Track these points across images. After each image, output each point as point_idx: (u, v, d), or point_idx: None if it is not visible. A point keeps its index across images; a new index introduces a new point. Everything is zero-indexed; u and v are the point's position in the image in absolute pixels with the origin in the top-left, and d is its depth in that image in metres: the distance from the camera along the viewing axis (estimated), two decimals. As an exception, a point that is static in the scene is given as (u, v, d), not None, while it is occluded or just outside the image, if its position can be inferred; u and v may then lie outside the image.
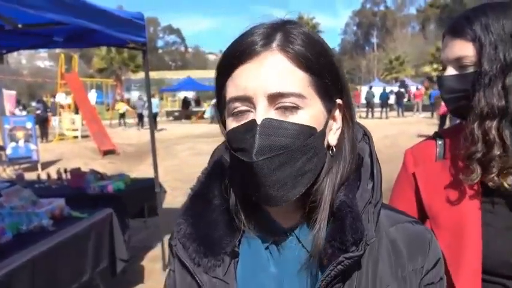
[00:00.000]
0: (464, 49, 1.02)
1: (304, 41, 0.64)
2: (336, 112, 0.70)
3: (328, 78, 0.66)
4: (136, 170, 9.52)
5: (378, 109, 23.87)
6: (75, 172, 4.83)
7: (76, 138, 16.46)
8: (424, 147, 1.19)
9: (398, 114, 24.30)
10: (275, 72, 0.62)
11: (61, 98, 18.85)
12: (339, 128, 0.71)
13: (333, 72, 0.67)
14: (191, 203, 0.78)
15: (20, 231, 2.91)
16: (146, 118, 21.79)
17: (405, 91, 30.43)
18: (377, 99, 24.34)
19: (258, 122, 0.61)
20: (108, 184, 4.39)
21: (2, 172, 9.92)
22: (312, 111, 0.65)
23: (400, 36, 60.59)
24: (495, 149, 0.96)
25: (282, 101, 0.62)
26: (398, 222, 0.74)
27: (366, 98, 24.17)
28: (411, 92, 28.25)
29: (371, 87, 26.14)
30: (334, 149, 0.70)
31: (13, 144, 10.07)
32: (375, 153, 0.73)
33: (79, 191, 4.34)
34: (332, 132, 0.70)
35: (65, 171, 5.07)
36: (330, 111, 0.68)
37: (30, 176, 6.47)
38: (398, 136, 12.45)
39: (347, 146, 0.70)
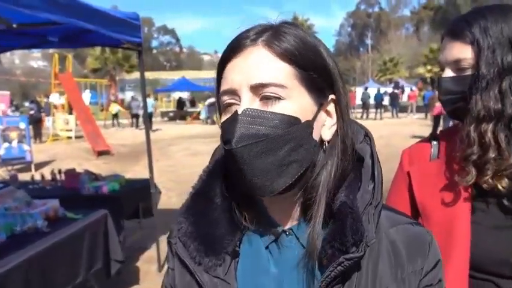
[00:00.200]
0: (463, 51, 1.03)
1: (293, 39, 0.66)
2: (331, 107, 0.71)
3: (315, 72, 0.67)
4: (130, 170, 9.47)
5: (373, 110, 23.97)
6: (69, 173, 4.80)
7: (70, 138, 16.37)
8: (420, 148, 1.22)
9: (393, 115, 24.41)
10: (258, 64, 0.65)
11: (55, 98, 18.74)
12: (334, 124, 0.71)
13: (322, 68, 0.68)
14: (192, 201, 0.77)
15: (14, 233, 2.88)
16: (141, 118, 21.76)
17: (402, 92, 30.59)
18: (371, 100, 24.44)
19: (239, 112, 0.64)
20: (103, 185, 4.36)
21: (-5, 173, 9.85)
22: (297, 102, 0.66)
23: (394, 38, 60.82)
24: (490, 151, 0.97)
25: (265, 92, 0.64)
26: (398, 224, 0.74)
27: (362, 99, 24.25)
28: (401, 94, 28.36)
29: (366, 88, 26.22)
30: (327, 144, 0.70)
31: (6, 145, 9.98)
32: (377, 154, 0.73)
33: (73, 192, 4.32)
34: (326, 128, 0.70)
35: (59, 172, 5.04)
36: (322, 105, 0.69)
37: (23, 176, 6.42)
38: (392, 137, 12.50)
39: (338, 143, 0.71)
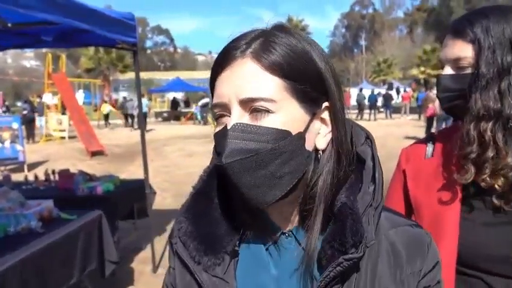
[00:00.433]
0: (463, 50, 1.04)
1: (282, 50, 0.65)
2: (325, 115, 0.70)
3: (307, 82, 0.66)
4: (125, 171, 9.44)
5: (367, 111, 24.07)
6: (63, 173, 4.77)
7: (63, 139, 16.27)
8: (417, 147, 1.25)
9: (386, 116, 24.53)
10: (245, 78, 0.64)
11: (48, 98, 18.61)
12: (329, 132, 0.70)
13: (314, 76, 0.67)
14: (193, 201, 0.78)
15: (7, 233, 2.86)
16: (136, 118, 21.69)
17: (397, 93, 30.71)
18: (365, 101, 24.53)
19: (228, 127, 0.64)
20: (97, 185, 4.34)
21: (-13, 173, 9.76)
22: (287, 115, 0.65)
23: (388, 39, 61.12)
24: (489, 150, 0.99)
25: (254, 106, 0.64)
26: (398, 225, 0.74)
27: (357, 100, 24.33)
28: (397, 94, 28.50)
29: (361, 90, 26.32)
30: (321, 153, 0.70)
31: (-1, 145, 9.91)
32: (378, 156, 0.73)
33: (68, 193, 4.29)
34: (321, 136, 0.70)
35: (53, 172, 5.01)
36: (315, 114, 0.68)
37: (16, 177, 6.37)
38: (386, 137, 12.55)
39: (332, 149, 0.70)
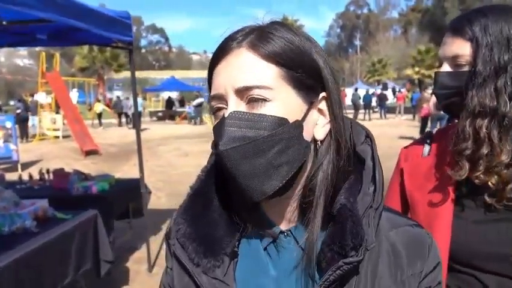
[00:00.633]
0: (462, 48, 1.04)
1: (279, 40, 0.65)
2: (323, 105, 0.69)
3: (303, 70, 0.66)
4: (119, 170, 9.40)
5: (362, 111, 24.14)
6: (58, 172, 4.73)
7: (57, 138, 16.17)
8: (415, 145, 1.27)
9: (381, 116, 24.62)
10: (242, 67, 0.64)
11: (41, 97, 18.49)
12: (327, 123, 0.70)
13: (311, 66, 0.67)
14: (191, 202, 0.76)
15: (2, 233, 2.84)
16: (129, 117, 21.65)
17: (393, 93, 30.80)
18: (360, 101, 24.60)
19: (225, 116, 0.64)
20: (92, 185, 4.31)
21: (-20, 172, 9.67)
22: (284, 102, 0.64)
23: (383, 39, 61.39)
24: (484, 147, 0.99)
25: (250, 94, 0.64)
26: (399, 226, 0.73)
27: (352, 100, 24.38)
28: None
29: (356, 90, 26.40)
30: (320, 144, 0.69)
31: (-8, 144, 9.83)
32: (378, 155, 0.72)
33: (62, 192, 4.26)
34: (319, 127, 0.69)
35: (48, 171, 4.97)
36: (312, 103, 0.68)
37: (9, 176, 6.32)
38: (381, 137, 12.59)
39: (331, 142, 0.69)
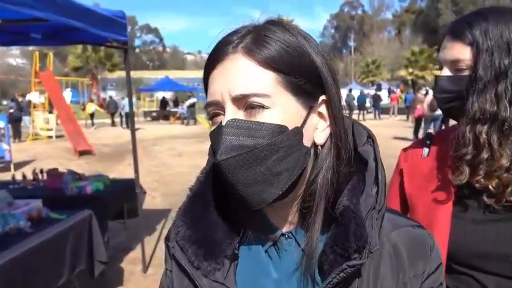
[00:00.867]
0: (462, 52, 1.04)
1: (276, 44, 0.63)
2: (323, 109, 0.68)
3: (302, 75, 0.64)
4: (113, 170, 9.35)
5: (356, 111, 24.24)
6: (52, 172, 4.70)
7: (51, 138, 16.06)
8: (415, 146, 1.28)
9: (375, 116, 24.73)
10: (238, 74, 0.63)
11: (34, 96, 18.35)
12: (327, 127, 0.68)
13: (309, 69, 0.65)
14: (190, 204, 0.75)
15: (-5, 233, 2.82)
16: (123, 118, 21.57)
17: (389, 94, 30.89)
18: (354, 102, 24.70)
19: (223, 124, 0.62)
20: (87, 185, 4.29)
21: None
22: (283, 109, 0.63)
23: (377, 40, 61.61)
24: (484, 152, 1.00)
25: (248, 102, 0.62)
26: (400, 227, 0.73)
27: (346, 100, 24.19)
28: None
29: (350, 90, 26.51)
30: (320, 149, 0.68)
31: (-16, 144, 9.75)
32: (380, 156, 0.71)
33: (56, 192, 4.23)
34: (319, 131, 0.68)
35: (41, 171, 4.94)
36: (312, 108, 0.66)
37: (2, 176, 6.29)
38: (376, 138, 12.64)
39: (331, 146, 0.68)
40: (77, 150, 12.35)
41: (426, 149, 1.21)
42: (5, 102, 20.94)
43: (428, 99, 12.15)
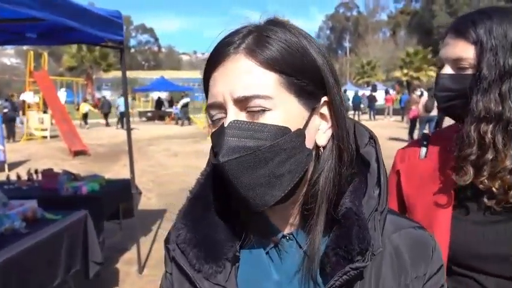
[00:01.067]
0: (465, 51, 1.02)
1: (277, 44, 0.62)
2: (325, 110, 0.67)
3: (304, 76, 0.64)
4: (109, 171, 9.32)
5: (351, 112, 24.32)
6: (47, 173, 4.68)
7: (45, 138, 15.97)
8: (411, 147, 1.26)
9: (370, 117, 24.81)
10: (239, 76, 0.62)
11: (28, 96, 18.23)
12: (329, 128, 0.68)
13: (311, 70, 0.64)
14: (191, 206, 0.74)
15: (-10, 234, 2.80)
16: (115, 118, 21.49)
17: (386, 94, 30.93)
18: (349, 103, 24.78)
19: (225, 125, 0.62)
20: (82, 185, 4.28)
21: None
22: (285, 111, 0.62)
23: (372, 41, 61.78)
24: (489, 153, 0.98)
25: (250, 104, 0.61)
26: (402, 228, 0.72)
27: (341, 101, 24.52)
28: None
29: (345, 91, 26.62)
30: (322, 150, 0.68)
31: (-22, 144, 9.68)
32: (382, 157, 0.70)
33: (52, 193, 4.22)
34: (321, 132, 0.67)
35: (36, 172, 4.91)
36: (314, 109, 0.66)
37: (-3, 176, 6.24)
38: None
39: (333, 147, 0.68)
40: (72, 151, 12.28)
41: (423, 150, 1.20)
42: (0, 102, 20.78)
43: (423, 100, 12.21)
